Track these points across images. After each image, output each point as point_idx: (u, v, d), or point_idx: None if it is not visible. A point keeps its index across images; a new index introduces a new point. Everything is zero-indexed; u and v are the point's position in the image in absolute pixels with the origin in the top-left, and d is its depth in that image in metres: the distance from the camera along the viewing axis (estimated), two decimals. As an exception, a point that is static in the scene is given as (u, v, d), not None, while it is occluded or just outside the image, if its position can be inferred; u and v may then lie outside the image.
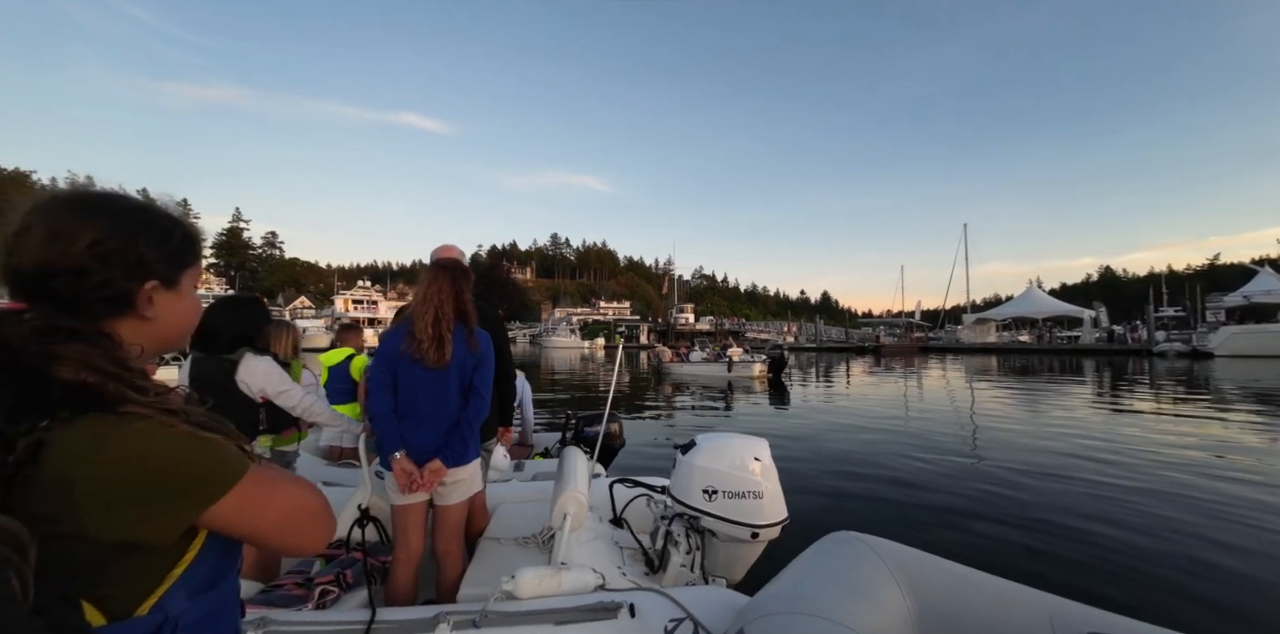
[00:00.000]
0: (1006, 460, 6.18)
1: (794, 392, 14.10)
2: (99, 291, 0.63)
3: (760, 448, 2.14)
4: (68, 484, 0.54)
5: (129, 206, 0.68)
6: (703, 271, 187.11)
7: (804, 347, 47.67)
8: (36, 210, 0.63)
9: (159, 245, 0.68)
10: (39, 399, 0.55)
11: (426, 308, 1.83)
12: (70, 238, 0.62)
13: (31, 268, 0.61)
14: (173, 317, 0.71)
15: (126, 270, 0.65)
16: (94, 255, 0.63)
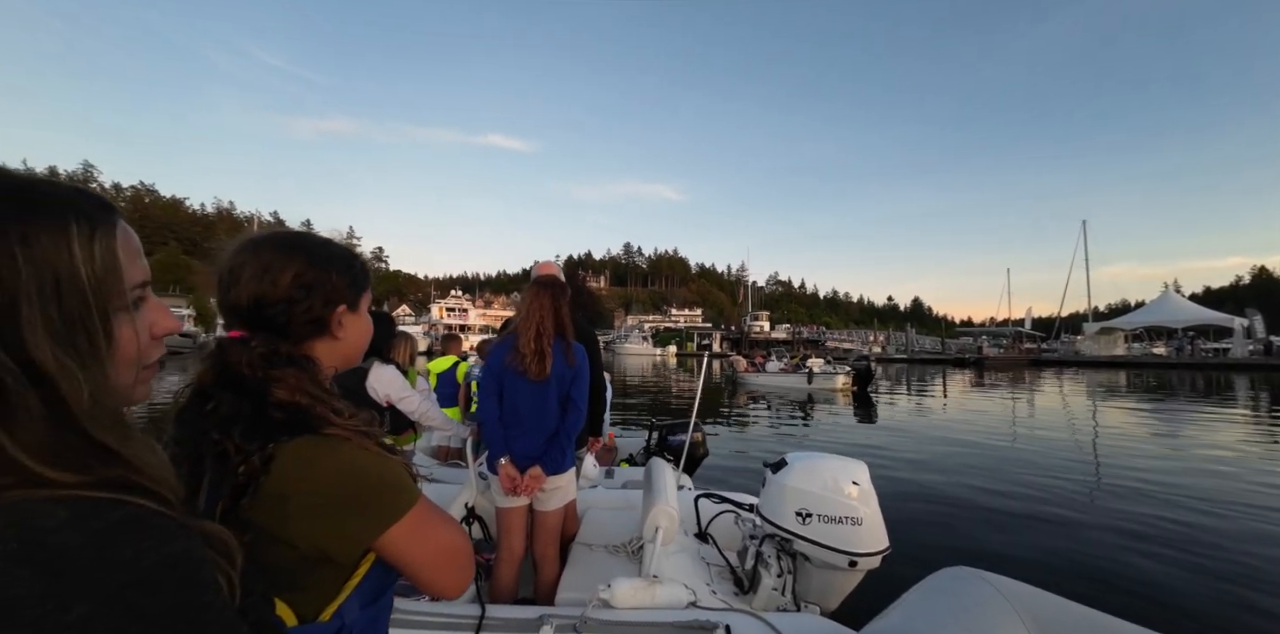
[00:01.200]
0: (1139, 494, 5.42)
1: (882, 407, 13.22)
2: (303, 317, 0.74)
3: (858, 471, 2.05)
4: (283, 498, 0.61)
5: (318, 243, 0.79)
6: (778, 277, 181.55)
7: (893, 357, 43.91)
8: (245, 250, 0.74)
9: (344, 274, 0.78)
10: (265, 419, 0.64)
11: (529, 324, 1.96)
12: (279, 272, 0.73)
13: (248, 300, 0.72)
14: (355, 335, 0.81)
15: (324, 297, 0.75)
16: (298, 286, 0.73)
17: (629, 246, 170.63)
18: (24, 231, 0.38)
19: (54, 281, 0.39)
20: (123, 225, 0.46)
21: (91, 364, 0.41)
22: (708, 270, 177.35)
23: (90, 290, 0.41)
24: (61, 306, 0.40)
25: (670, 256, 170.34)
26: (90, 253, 0.41)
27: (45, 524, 0.35)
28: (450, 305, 56.88)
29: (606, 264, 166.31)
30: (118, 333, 0.43)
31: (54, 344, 0.39)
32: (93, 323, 0.41)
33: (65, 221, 0.40)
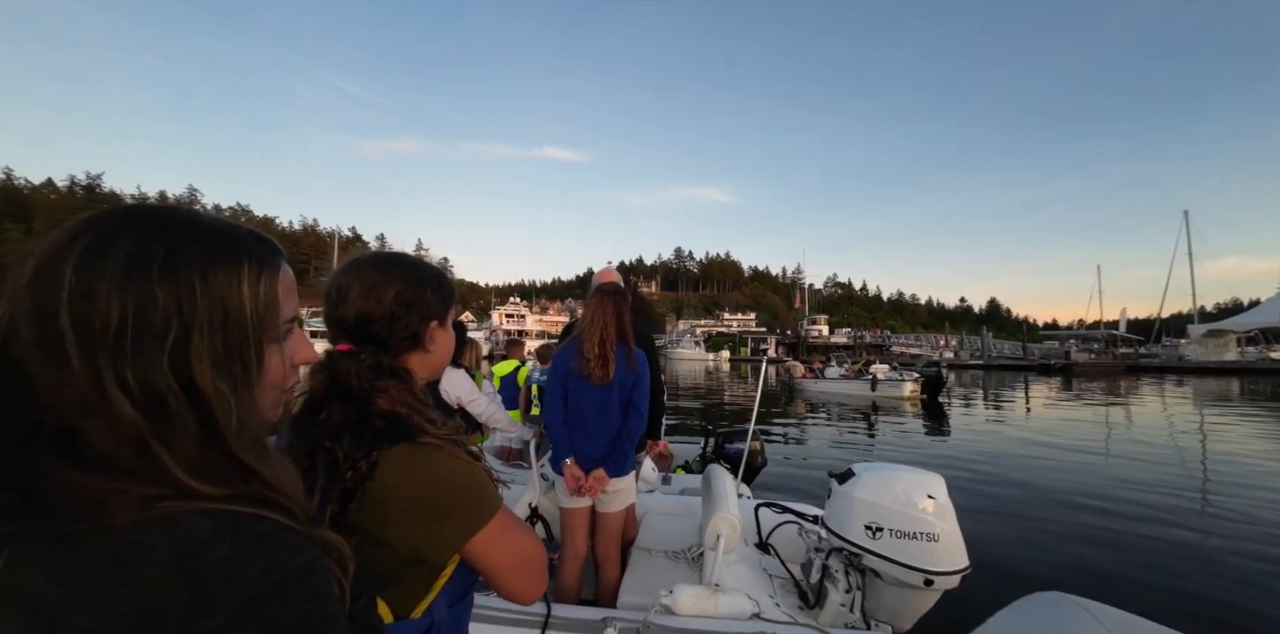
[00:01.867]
0: (1256, 516, 4.79)
1: (956, 416, 12.41)
2: (403, 332, 0.81)
3: (934, 484, 1.94)
4: (384, 502, 0.66)
5: (414, 263, 0.86)
6: (836, 279, 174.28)
7: (967, 363, 40.55)
8: (351, 270, 0.82)
9: (437, 291, 0.85)
10: (369, 428, 0.70)
11: (593, 330, 2.01)
12: (382, 291, 0.80)
13: (355, 316, 0.79)
14: (443, 347, 0.88)
15: (420, 314, 0.82)
16: (399, 303, 0.80)
17: (679, 251, 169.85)
18: (204, 269, 0.43)
19: (223, 314, 0.44)
20: (284, 267, 0.51)
21: (243, 390, 0.45)
22: (761, 273, 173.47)
23: (252, 324, 0.45)
24: (226, 337, 0.44)
25: (722, 260, 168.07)
26: (256, 290, 0.46)
27: (193, 535, 0.38)
28: (509, 312, 59.09)
29: (657, 269, 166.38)
30: (268, 362, 0.48)
31: (214, 370, 0.43)
32: (249, 353, 0.46)
33: (240, 262, 0.45)
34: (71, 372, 0.39)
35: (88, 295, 0.39)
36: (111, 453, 0.40)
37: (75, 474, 0.38)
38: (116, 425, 0.40)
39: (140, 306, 0.40)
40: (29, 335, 0.39)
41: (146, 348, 0.40)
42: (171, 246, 0.42)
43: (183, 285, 0.42)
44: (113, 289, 0.40)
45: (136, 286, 0.40)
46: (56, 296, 0.39)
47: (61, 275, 0.39)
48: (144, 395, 0.40)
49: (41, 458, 0.39)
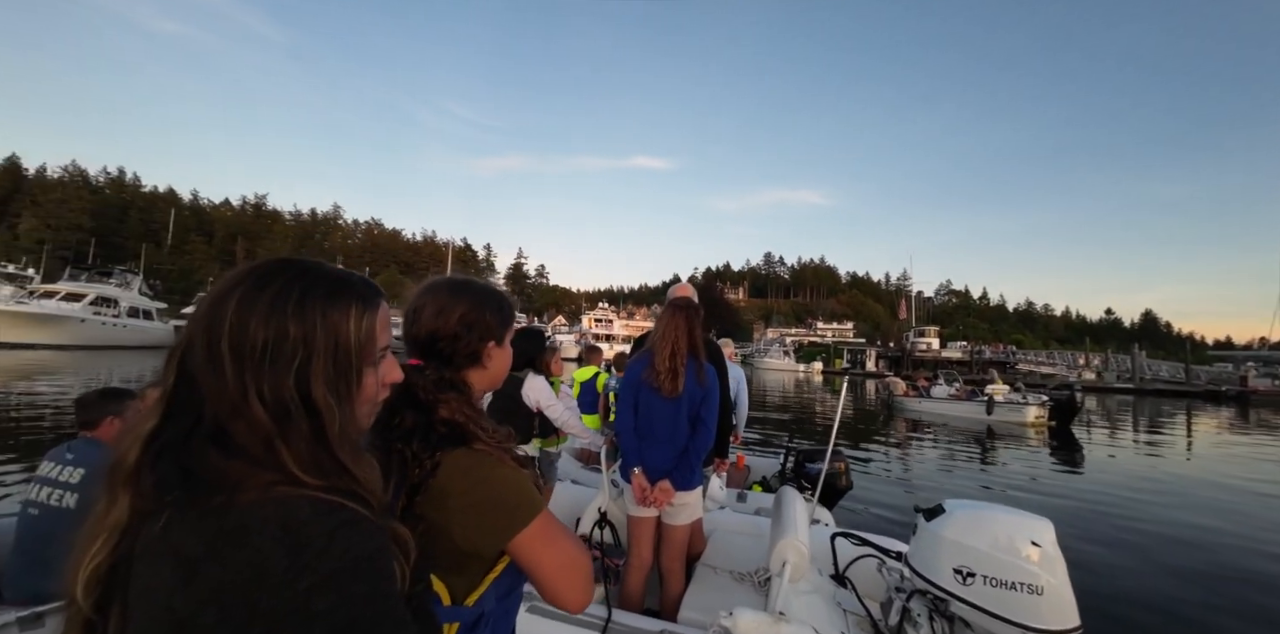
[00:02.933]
0: None
1: (1092, 449, 10.68)
2: (464, 350, 0.92)
3: (1040, 529, 1.72)
4: (445, 497, 0.77)
5: (479, 288, 0.98)
6: (950, 287, 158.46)
7: (1113, 387, 33.96)
8: (426, 293, 0.95)
9: (496, 314, 0.96)
10: (433, 433, 0.81)
11: (664, 343, 2.05)
12: (449, 312, 0.91)
13: (425, 334, 0.92)
14: (499, 365, 0.98)
15: (480, 334, 0.93)
16: (462, 325, 0.92)
17: (769, 256, 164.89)
18: (324, 309, 0.57)
19: (335, 344, 0.57)
20: (383, 305, 0.63)
21: (345, 404, 0.58)
22: (860, 279, 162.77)
23: (355, 352, 0.58)
24: (336, 361, 0.57)
25: (815, 265, 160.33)
26: (360, 326, 0.59)
27: (297, 515, 0.50)
28: (598, 316, 61.12)
29: (745, 275, 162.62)
30: (365, 381, 0.61)
31: (326, 387, 0.56)
32: (352, 374, 0.59)
33: (349, 303, 0.59)
34: (226, 383, 0.53)
35: (243, 327, 0.53)
36: (247, 447, 0.53)
37: (221, 460, 0.52)
38: (253, 426, 0.53)
39: (278, 337, 0.54)
40: (200, 354, 0.54)
41: (279, 368, 0.54)
42: (303, 292, 0.57)
43: (308, 321, 0.56)
44: (259, 323, 0.54)
45: (276, 322, 0.54)
46: (221, 326, 0.54)
47: (226, 310, 0.54)
48: (274, 404, 0.53)
49: (200, 446, 0.52)
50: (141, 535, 0.50)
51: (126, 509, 0.51)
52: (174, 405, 0.54)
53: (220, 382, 0.53)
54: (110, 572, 0.51)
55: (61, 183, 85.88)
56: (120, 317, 28.49)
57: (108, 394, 2.18)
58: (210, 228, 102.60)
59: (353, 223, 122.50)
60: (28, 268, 42.57)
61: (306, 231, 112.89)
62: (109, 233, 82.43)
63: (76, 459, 2.02)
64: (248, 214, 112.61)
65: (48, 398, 11.09)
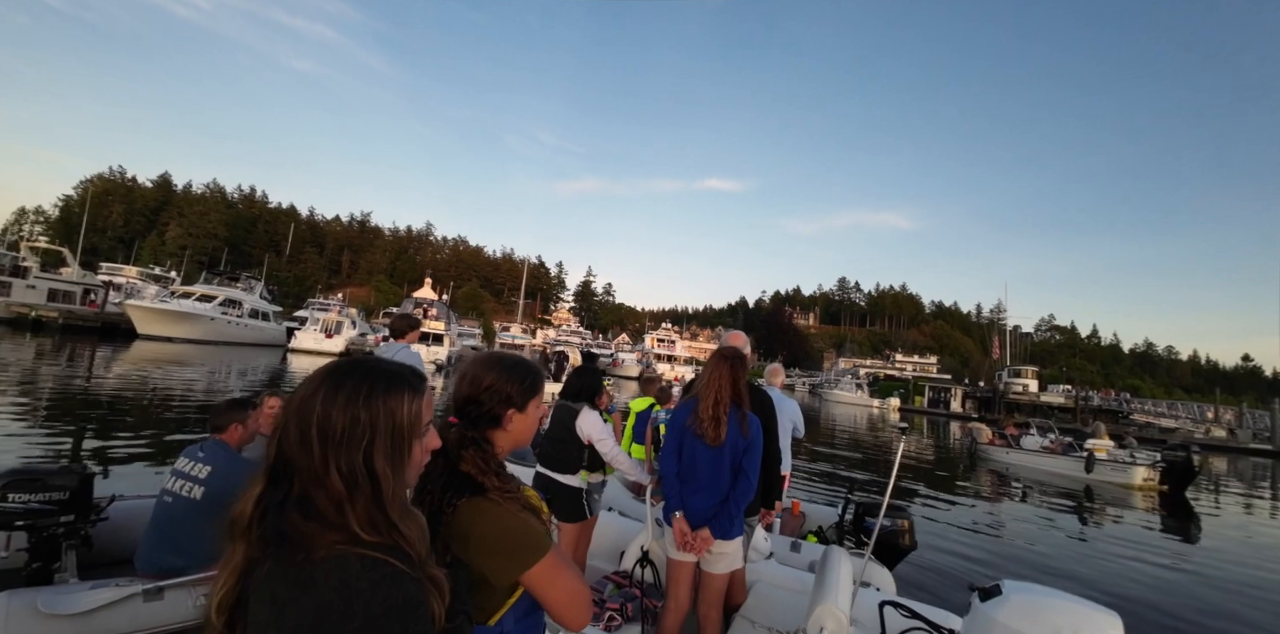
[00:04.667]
0: None
1: (1209, 521, 9.23)
2: (486, 414, 1.10)
3: (1106, 624, 1.57)
4: (466, 536, 0.94)
5: (511, 364, 1.16)
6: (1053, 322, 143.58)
7: (1247, 447, 29.03)
8: (470, 364, 1.17)
9: (519, 386, 1.13)
10: (455, 481, 0.99)
11: (709, 391, 2.10)
12: (480, 381, 1.11)
13: (462, 398, 1.12)
14: (520, 430, 1.14)
15: (501, 401, 1.11)
16: (487, 392, 1.10)
17: (844, 281, 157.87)
18: (385, 398, 0.75)
19: (393, 425, 0.74)
20: (427, 389, 0.81)
21: (398, 471, 0.75)
22: (946, 310, 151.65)
23: (407, 430, 0.76)
24: (393, 439, 0.74)
25: (895, 293, 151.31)
26: (411, 408, 0.77)
27: (350, 570, 0.66)
28: (661, 337, 61.10)
29: (817, 300, 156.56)
30: (414, 451, 0.78)
31: (385, 460, 0.73)
32: (404, 448, 0.76)
33: (403, 391, 0.77)
34: (314, 460, 0.70)
35: (327, 417, 0.71)
36: (324, 511, 0.69)
37: (303, 522, 0.68)
38: (330, 493, 0.70)
39: (352, 423, 0.72)
40: (294, 437, 0.72)
41: (353, 447, 0.71)
42: (370, 387, 0.75)
43: (373, 409, 0.73)
44: (339, 413, 0.72)
45: (352, 410, 0.72)
46: (311, 416, 0.71)
47: (314, 404, 0.72)
48: (348, 476, 0.70)
49: (290, 510, 0.69)
50: (254, 577, 0.68)
51: (242, 556, 0.69)
52: (273, 475, 0.72)
53: (309, 459, 0.70)
54: (235, 601, 0.69)
55: (203, 197, 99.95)
56: (243, 317, 32.33)
57: (234, 404, 2.57)
58: (322, 240, 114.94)
59: (442, 239, 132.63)
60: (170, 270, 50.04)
61: (402, 246, 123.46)
62: (239, 242, 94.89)
63: (206, 457, 2.38)
64: (354, 229, 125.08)
65: (180, 384, 12.85)
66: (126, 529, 2.53)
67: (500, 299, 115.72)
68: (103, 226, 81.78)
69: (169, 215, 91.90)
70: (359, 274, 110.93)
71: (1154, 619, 4.49)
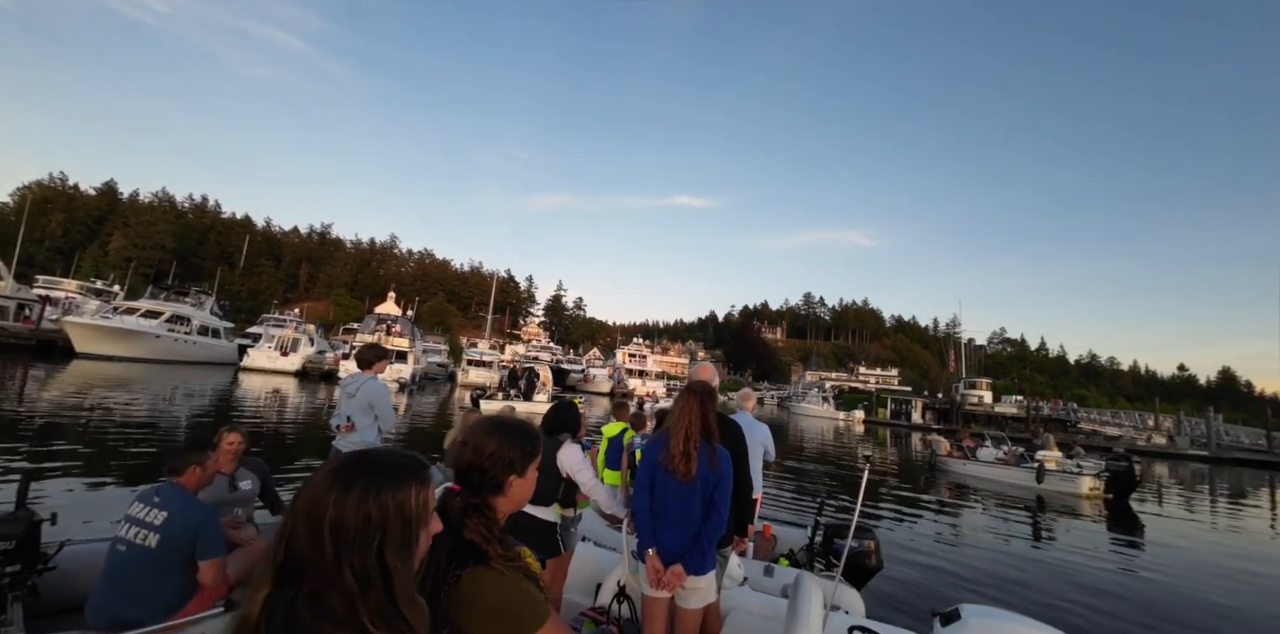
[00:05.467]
0: None
1: (1154, 527, 9.81)
2: (489, 481, 1.13)
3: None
4: (468, 605, 0.96)
5: (510, 429, 1.19)
6: (1004, 335, 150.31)
7: (1186, 453, 30.75)
8: (471, 430, 1.17)
9: (520, 451, 1.16)
10: (459, 550, 1.00)
11: (679, 427, 2.16)
12: (482, 449, 1.13)
13: (464, 465, 1.13)
14: (520, 492, 1.17)
15: (504, 468, 1.14)
16: (490, 460, 1.13)
17: (809, 296, 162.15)
18: (395, 493, 0.77)
19: (403, 518, 0.76)
20: (430, 478, 0.83)
21: (408, 563, 0.77)
22: (906, 324, 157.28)
23: (415, 520, 0.78)
24: (403, 531, 0.76)
25: (858, 307, 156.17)
26: (418, 499, 0.79)
27: None
28: (632, 351, 60.96)
29: (784, 314, 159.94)
30: (421, 540, 0.80)
31: (396, 553, 0.75)
32: (413, 538, 0.78)
33: (409, 482, 0.79)
34: (325, 559, 0.71)
35: (340, 516, 0.73)
36: (335, 608, 0.71)
37: (314, 622, 0.70)
38: (341, 591, 0.71)
39: (364, 519, 0.73)
40: (304, 536, 0.73)
41: (365, 544, 0.72)
42: (380, 484, 0.76)
43: (385, 505, 0.76)
44: (351, 511, 0.73)
45: (364, 508, 0.74)
46: (324, 516, 0.72)
47: (326, 503, 0.73)
48: (360, 572, 0.71)
49: (300, 609, 0.70)
50: None
51: None
52: (281, 575, 0.73)
53: (321, 558, 0.71)
54: None
55: (151, 207, 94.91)
56: (191, 334, 30.63)
57: (191, 446, 2.49)
58: (279, 252, 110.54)
59: (407, 252, 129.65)
60: (114, 284, 47.04)
61: (365, 259, 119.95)
62: (189, 254, 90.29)
63: (162, 503, 2.29)
64: (313, 241, 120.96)
65: (119, 408, 12.05)
66: (77, 576, 2.40)
67: (467, 314, 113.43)
68: (40, 237, 76.58)
69: (113, 225, 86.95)
70: (318, 288, 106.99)
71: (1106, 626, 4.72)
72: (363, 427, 3.82)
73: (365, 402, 3.81)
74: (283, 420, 12.29)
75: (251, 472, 3.32)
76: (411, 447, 10.14)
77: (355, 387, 3.82)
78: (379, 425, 3.89)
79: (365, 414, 3.84)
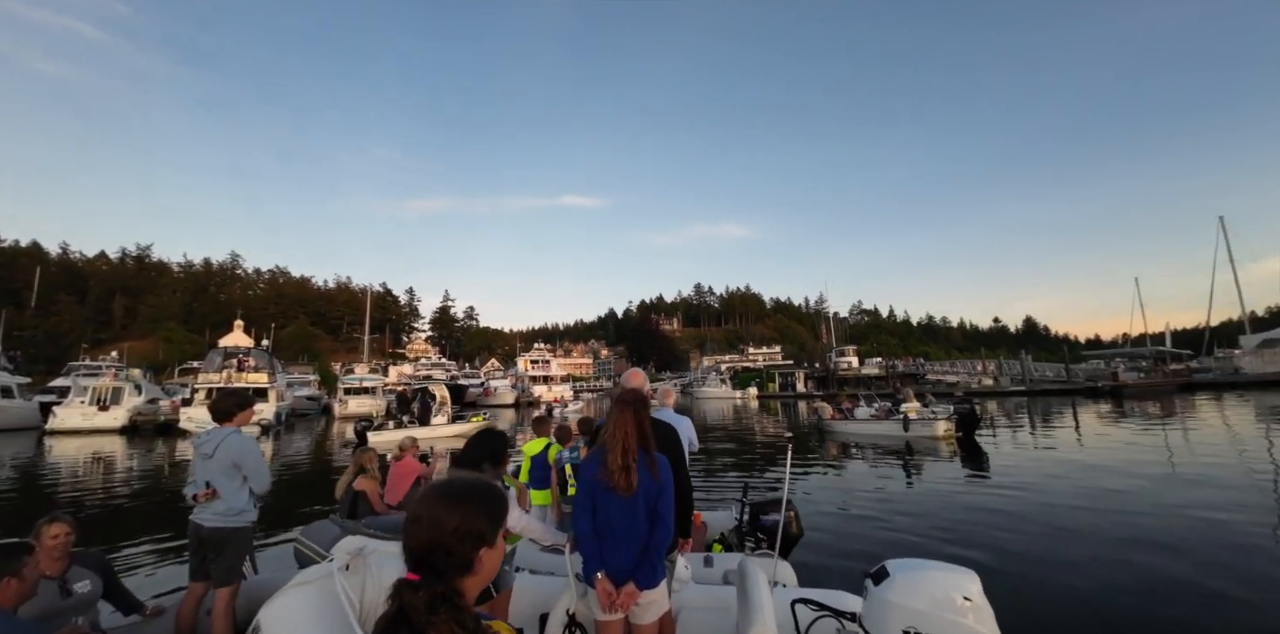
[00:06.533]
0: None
1: (997, 455, 11.78)
2: (457, 562, 0.91)
3: (968, 583, 1.94)
4: None
5: (468, 493, 0.98)
6: (862, 306, 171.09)
7: (1008, 390, 37.90)
8: (422, 503, 0.94)
9: (489, 519, 0.96)
10: None
11: (615, 442, 2.09)
12: (443, 526, 0.91)
13: (420, 547, 0.90)
14: (490, 565, 0.96)
15: (473, 543, 0.92)
16: (455, 537, 0.91)
17: (700, 287, 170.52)
18: None
19: None
20: None
21: None
22: (783, 304, 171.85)
23: None
24: None
25: (743, 293, 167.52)
26: None
27: None
28: (534, 357, 59.28)
29: (678, 306, 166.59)
30: None
31: None
32: None
33: None
34: None
35: None
36: None
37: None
38: None
39: None
40: None
41: None
42: None
43: None
44: None
45: None
46: None
47: None
48: None
49: None
50: None
51: None
52: None
53: None
54: None
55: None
56: (-33, 396, 24.04)
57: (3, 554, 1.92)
58: (84, 285, 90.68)
59: (254, 272, 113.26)
60: None
61: (199, 284, 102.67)
62: (-51, 297, 70.34)
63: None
64: (128, 267, 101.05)
65: None
66: None
67: (338, 336, 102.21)
68: None
69: None
70: (140, 323, 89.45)
71: (989, 545, 5.52)
72: (228, 492, 3.15)
73: (228, 462, 3.14)
74: (114, 494, 9.97)
75: (88, 569, 2.71)
76: (290, 502, 8.91)
77: (213, 445, 3.16)
78: (249, 487, 3.27)
79: (230, 477, 3.17)
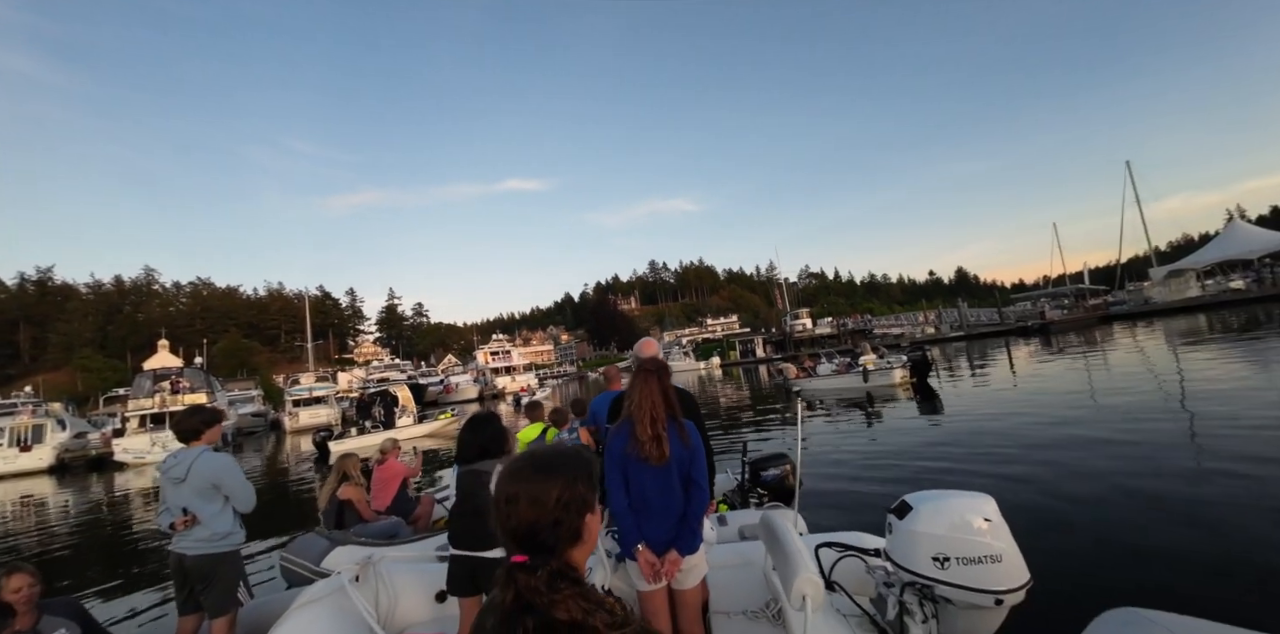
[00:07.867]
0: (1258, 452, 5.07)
1: (947, 393, 12.72)
2: (567, 534, 0.86)
3: (986, 505, 2.05)
4: None
5: (569, 462, 0.92)
6: (809, 270, 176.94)
7: (949, 337, 41.01)
8: (515, 479, 0.87)
9: (586, 483, 0.91)
10: None
11: (642, 412, 2.04)
12: (545, 498, 0.85)
13: (525, 527, 0.84)
14: (595, 529, 0.91)
15: (578, 509, 0.87)
16: (561, 507, 0.86)
17: (654, 263, 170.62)
18: None
19: None
20: None
21: None
22: (736, 275, 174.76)
23: None
24: None
25: (697, 267, 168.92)
26: None
27: None
28: (494, 349, 57.91)
29: (635, 284, 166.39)
30: None
31: None
32: None
33: None
34: None
35: None
36: None
37: None
38: None
39: None
40: None
41: None
42: None
43: None
44: None
45: None
46: None
47: None
48: None
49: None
50: None
51: None
52: None
53: None
54: None
55: None
56: None
57: None
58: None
59: (173, 286, 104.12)
60: None
61: (113, 304, 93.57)
62: None
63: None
64: (29, 294, 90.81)
65: None
66: None
67: (278, 346, 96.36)
68: None
69: None
70: (51, 353, 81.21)
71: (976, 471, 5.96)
72: (209, 516, 2.91)
73: (204, 484, 2.90)
74: (55, 536, 9.18)
75: (61, 617, 2.51)
76: (259, 523, 8.49)
77: (184, 468, 2.90)
78: (232, 507, 3.05)
79: (208, 500, 2.93)
